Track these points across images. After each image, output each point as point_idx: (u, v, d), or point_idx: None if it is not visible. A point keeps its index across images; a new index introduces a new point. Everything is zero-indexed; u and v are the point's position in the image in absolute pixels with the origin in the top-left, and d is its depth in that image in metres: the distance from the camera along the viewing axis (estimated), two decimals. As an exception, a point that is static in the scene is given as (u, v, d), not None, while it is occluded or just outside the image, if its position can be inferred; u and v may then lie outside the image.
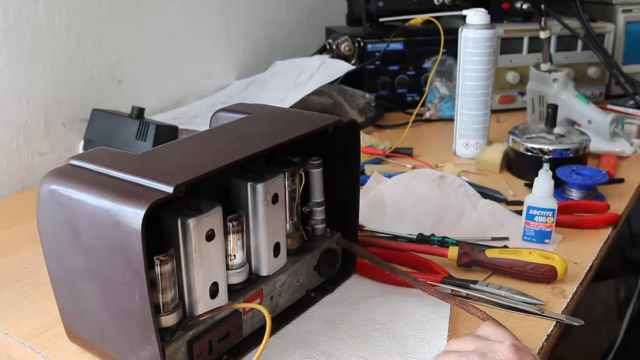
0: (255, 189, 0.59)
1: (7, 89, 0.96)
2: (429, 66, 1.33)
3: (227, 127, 0.64)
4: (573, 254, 0.77)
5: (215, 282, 0.56)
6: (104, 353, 0.56)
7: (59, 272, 0.56)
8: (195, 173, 0.51)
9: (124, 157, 0.55)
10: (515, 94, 1.34)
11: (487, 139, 1.10)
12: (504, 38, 1.30)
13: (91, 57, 1.06)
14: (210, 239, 0.55)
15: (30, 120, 0.99)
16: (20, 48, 0.96)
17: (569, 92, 1.14)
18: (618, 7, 1.36)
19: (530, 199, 0.79)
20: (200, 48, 1.29)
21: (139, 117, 0.97)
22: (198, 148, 0.58)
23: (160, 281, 0.52)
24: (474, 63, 1.05)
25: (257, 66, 1.41)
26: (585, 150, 0.97)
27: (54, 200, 0.53)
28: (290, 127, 0.63)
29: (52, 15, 1.00)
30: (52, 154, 1.03)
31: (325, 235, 0.70)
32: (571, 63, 1.34)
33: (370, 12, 1.34)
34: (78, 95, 1.05)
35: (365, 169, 1.01)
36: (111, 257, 0.50)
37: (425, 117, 1.28)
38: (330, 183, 0.69)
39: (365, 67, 1.31)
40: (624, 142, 1.08)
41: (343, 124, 0.65)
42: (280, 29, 1.48)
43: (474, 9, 1.05)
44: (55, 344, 0.61)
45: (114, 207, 0.48)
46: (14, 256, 0.78)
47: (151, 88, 1.19)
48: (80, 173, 0.53)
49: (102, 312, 0.53)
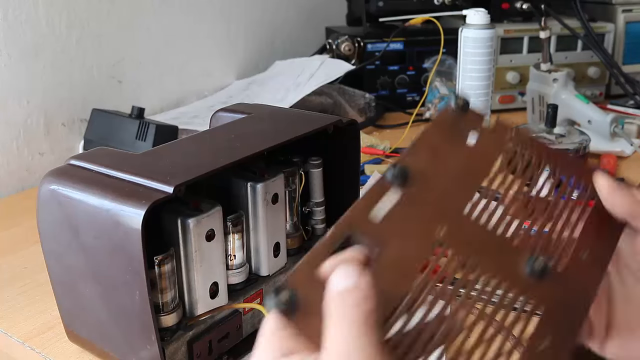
0: (255, 189, 0.59)
1: (7, 89, 0.96)
2: (429, 66, 1.33)
3: (227, 127, 0.64)
4: (573, 254, 0.77)
5: (215, 282, 0.56)
6: (103, 353, 0.56)
7: (59, 272, 0.56)
8: (195, 173, 0.51)
9: (124, 157, 0.55)
10: (515, 94, 1.34)
11: (487, 139, 1.10)
12: (504, 38, 1.30)
13: (91, 57, 1.06)
14: (210, 239, 0.55)
15: (30, 120, 0.99)
16: (20, 48, 0.96)
17: (569, 92, 1.14)
18: (618, 7, 1.36)
19: (530, 199, 0.79)
20: (200, 48, 1.29)
21: (139, 117, 0.97)
22: (198, 148, 0.58)
23: (160, 281, 0.52)
24: (474, 63, 1.05)
25: (257, 66, 1.41)
26: (585, 150, 0.97)
27: (54, 200, 0.53)
28: (290, 127, 0.63)
29: (52, 15, 1.00)
30: (52, 154, 1.03)
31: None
32: (571, 63, 1.34)
33: (370, 12, 1.34)
34: (78, 95, 1.05)
35: (365, 169, 1.01)
36: (111, 257, 0.50)
37: (425, 117, 1.28)
38: (330, 183, 0.69)
39: (365, 67, 1.31)
40: (624, 142, 1.08)
41: (343, 124, 0.66)
42: (280, 29, 1.48)
43: (473, 9, 1.05)
44: (55, 344, 0.61)
45: (114, 207, 0.48)
46: (14, 256, 0.78)
47: (151, 88, 1.19)
48: (80, 173, 0.53)
49: (102, 312, 0.53)
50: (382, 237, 0.40)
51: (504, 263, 0.42)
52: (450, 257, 0.41)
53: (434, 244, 0.41)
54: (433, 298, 0.38)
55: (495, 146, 0.50)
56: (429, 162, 0.46)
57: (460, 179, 0.46)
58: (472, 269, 0.41)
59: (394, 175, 0.43)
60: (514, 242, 0.43)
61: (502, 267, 0.41)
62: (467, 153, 0.49)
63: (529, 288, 0.41)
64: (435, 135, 0.49)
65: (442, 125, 0.50)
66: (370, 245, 0.40)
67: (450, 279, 0.45)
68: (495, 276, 0.41)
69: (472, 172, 0.47)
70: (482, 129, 0.50)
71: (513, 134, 0.51)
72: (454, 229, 0.42)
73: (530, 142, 0.51)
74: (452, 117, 0.51)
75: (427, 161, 0.46)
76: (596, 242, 0.46)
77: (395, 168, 0.43)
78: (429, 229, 0.42)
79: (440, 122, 0.50)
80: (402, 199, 0.43)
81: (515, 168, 0.48)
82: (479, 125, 0.51)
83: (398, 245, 0.40)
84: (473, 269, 0.41)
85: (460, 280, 0.40)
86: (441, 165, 0.47)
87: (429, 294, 0.39)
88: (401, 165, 0.44)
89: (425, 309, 0.38)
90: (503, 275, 0.41)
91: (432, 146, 0.47)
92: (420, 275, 0.39)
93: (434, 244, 0.41)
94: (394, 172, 0.43)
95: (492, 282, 0.41)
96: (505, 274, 0.41)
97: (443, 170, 0.46)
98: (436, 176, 0.45)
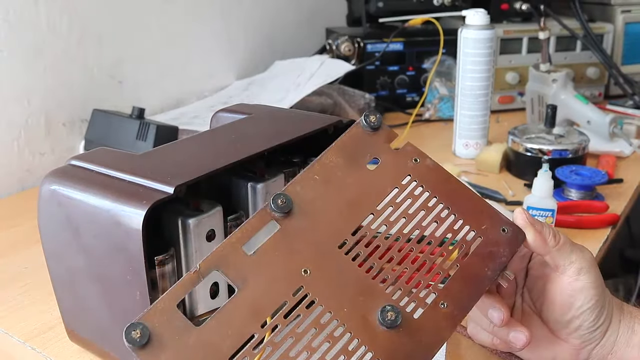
0: (256, 189, 0.59)
1: (7, 89, 0.96)
2: (428, 66, 1.33)
3: (228, 128, 0.64)
4: (572, 254, 0.77)
5: (216, 282, 0.57)
6: (104, 353, 0.56)
7: (60, 272, 0.56)
8: (195, 173, 0.51)
9: (124, 158, 0.55)
10: (515, 95, 1.34)
11: (486, 139, 1.10)
12: (504, 39, 1.30)
13: (92, 58, 1.07)
14: (211, 239, 0.55)
15: (30, 120, 1.00)
16: (21, 48, 0.96)
17: (568, 93, 1.14)
18: (617, 7, 1.36)
19: (530, 199, 0.79)
20: (201, 48, 1.29)
21: (140, 118, 0.97)
22: (198, 148, 0.59)
23: (161, 281, 0.52)
24: (473, 63, 1.05)
25: (257, 66, 1.41)
26: (584, 151, 0.97)
27: (55, 200, 0.53)
28: (290, 128, 0.63)
29: (53, 16, 1.00)
30: (52, 154, 1.03)
31: (325, 235, 0.70)
32: (570, 63, 1.34)
33: (370, 12, 1.34)
34: (79, 95, 1.05)
35: (365, 169, 1.01)
36: (112, 257, 0.50)
37: (424, 118, 1.28)
38: (330, 183, 0.69)
39: (365, 67, 1.31)
40: (623, 143, 1.08)
41: (343, 124, 0.66)
42: (280, 29, 1.48)
43: (473, 9, 1.05)
44: (56, 344, 0.61)
45: (115, 207, 0.48)
46: (15, 256, 0.78)
47: (151, 88, 1.19)
48: (81, 173, 0.54)
49: (103, 312, 0.53)
50: (246, 273, 0.40)
51: (359, 308, 0.42)
52: (308, 299, 0.41)
53: (294, 290, 0.41)
54: (279, 340, 0.39)
55: (394, 173, 0.49)
56: (318, 192, 0.45)
57: (348, 208, 0.46)
58: (325, 312, 0.41)
59: (276, 205, 0.43)
60: (378, 285, 0.43)
61: (355, 313, 0.41)
62: (364, 179, 0.48)
63: (376, 338, 0.41)
64: (334, 158, 0.48)
65: (346, 148, 0.49)
66: (233, 281, 0.40)
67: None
68: (345, 323, 0.41)
69: (362, 202, 0.46)
70: (387, 151, 0.50)
71: (416, 161, 0.50)
72: (320, 268, 0.42)
73: (433, 172, 0.50)
74: (360, 137, 0.50)
75: (316, 190, 0.45)
76: (463, 290, 0.46)
77: (278, 197, 0.43)
78: (295, 268, 0.42)
79: (344, 144, 0.49)
80: (279, 231, 0.43)
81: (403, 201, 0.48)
82: (388, 144, 0.50)
83: (257, 284, 0.40)
84: (324, 314, 0.41)
85: (311, 323, 0.40)
86: (332, 193, 0.46)
87: (276, 336, 0.39)
88: (284, 195, 0.43)
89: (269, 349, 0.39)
90: (353, 322, 0.41)
91: (328, 172, 0.47)
92: (268, 318, 0.40)
93: (295, 288, 0.41)
94: (277, 203, 0.43)
95: (339, 328, 0.41)
96: (355, 321, 0.41)
97: (332, 199, 0.46)
98: (323, 206, 0.45)
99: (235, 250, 0.42)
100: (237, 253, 0.42)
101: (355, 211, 0.46)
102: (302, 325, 0.41)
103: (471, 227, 0.48)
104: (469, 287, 0.46)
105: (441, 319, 0.44)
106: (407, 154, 0.51)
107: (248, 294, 0.40)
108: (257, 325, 0.40)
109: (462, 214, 0.49)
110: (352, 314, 0.42)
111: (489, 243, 0.48)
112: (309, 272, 0.42)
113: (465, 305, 0.46)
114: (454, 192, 0.50)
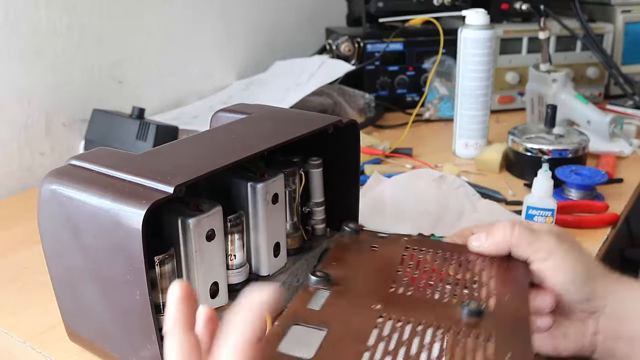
0: (255, 189, 0.59)
1: (7, 89, 0.96)
2: (428, 66, 1.33)
3: (227, 128, 0.64)
4: (572, 253, 0.77)
5: (216, 282, 0.57)
6: (104, 352, 0.56)
7: (60, 272, 0.56)
8: (195, 173, 0.51)
9: (124, 157, 0.55)
10: (515, 94, 1.34)
11: (486, 139, 1.10)
12: (504, 38, 1.30)
13: (92, 58, 1.07)
14: (211, 239, 0.55)
15: (30, 120, 1.00)
16: (20, 48, 0.96)
17: (568, 93, 1.14)
18: (617, 7, 1.36)
19: (530, 199, 0.79)
20: (201, 48, 1.29)
21: (140, 118, 0.97)
22: (198, 148, 0.59)
23: (161, 281, 0.52)
24: (473, 63, 1.05)
25: (257, 66, 1.41)
26: (584, 151, 0.97)
27: (55, 200, 0.53)
28: (290, 128, 0.63)
29: (53, 16, 1.00)
30: (52, 154, 1.03)
31: (325, 235, 0.70)
32: (570, 63, 1.34)
33: (370, 12, 1.34)
34: (78, 95, 1.06)
35: (365, 169, 1.01)
36: (112, 257, 0.50)
37: (424, 117, 1.28)
38: (330, 183, 0.69)
39: (365, 67, 1.31)
40: (623, 142, 1.08)
41: (343, 124, 0.66)
42: (281, 29, 1.48)
43: (473, 9, 1.05)
44: (56, 344, 0.61)
45: (115, 207, 0.49)
46: (15, 256, 0.78)
47: (151, 88, 1.19)
48: (81, 173, 0.54)
49: (103, 312, 0.53)
50: (325, 319, 0.46)
51: (442, 314, 0.47)
52: (394, 322, 0.46)
53: (375, 316, 0.46)
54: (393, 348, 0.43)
55: (395, 247, 0.57)
56: (343, 268, 0.53)
57: (376, 271, 0.54)
58: (417, 323, 0.46)
59: (317, 280, 0.50)
60: (441, 301, 0.49)
61: (441, 317, 0.46)
62: (374, 255, 0.57)
63: (473, 325, 0.46)
64: (338, 252, 0.57)
65: (342, 245, 0.58)
66: (316, 327, 0.45)
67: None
68: (439, 325, 0.46)
69: (384, 266, 0.54)
70: (379, 240, 0.59)
71: (407, 238, 0.59)
72: (388, 303, 0.48)
73: (423, 243, 0.59)
74: (348, 239, 0.60)
75: (340, 268, 0.53)
76: (511, 284, 0.52)
77: (316, 274, 0.50)
78: (365, 306, 0.47)
79: (339, 243, 0.59)
80: (332, 294, 0.49)
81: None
82: (374, 238, 0.59)
83: (341, 322, 0.45)
84: (418, 324, 0.46)
85: (411, 333, 0.45)
86: (355, 267, 0.54)
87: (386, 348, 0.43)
88: (322, 271, 0.51)
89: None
90: (445, 322, 0.46)
91: (339, 259, 0.55)
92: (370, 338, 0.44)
93: (375, 316, 0.46)
94: (317, 278, 0.50)
95: (436, 330, 0.45)
96: (446, 321, 0.46)
97: (359, 270, 0.54)
98: (354, 274, 0.53)
99: (304, 308, 0.47)
100: (307, 309, 0.47)
101: (384, 270, 0.53)
102: (405, 334, 0.44)
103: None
104: (512, 277, 0.54)
105: (510, 304, 0.49)
106: (397, 238, 0.60)
107: (337, 330, 0.44)
108: (364, 345, 0.43)
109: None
110: (439, 318, 0.46)
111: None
112: (380, 307, 0.47)
113: (522, 290, 0.52)
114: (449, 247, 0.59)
